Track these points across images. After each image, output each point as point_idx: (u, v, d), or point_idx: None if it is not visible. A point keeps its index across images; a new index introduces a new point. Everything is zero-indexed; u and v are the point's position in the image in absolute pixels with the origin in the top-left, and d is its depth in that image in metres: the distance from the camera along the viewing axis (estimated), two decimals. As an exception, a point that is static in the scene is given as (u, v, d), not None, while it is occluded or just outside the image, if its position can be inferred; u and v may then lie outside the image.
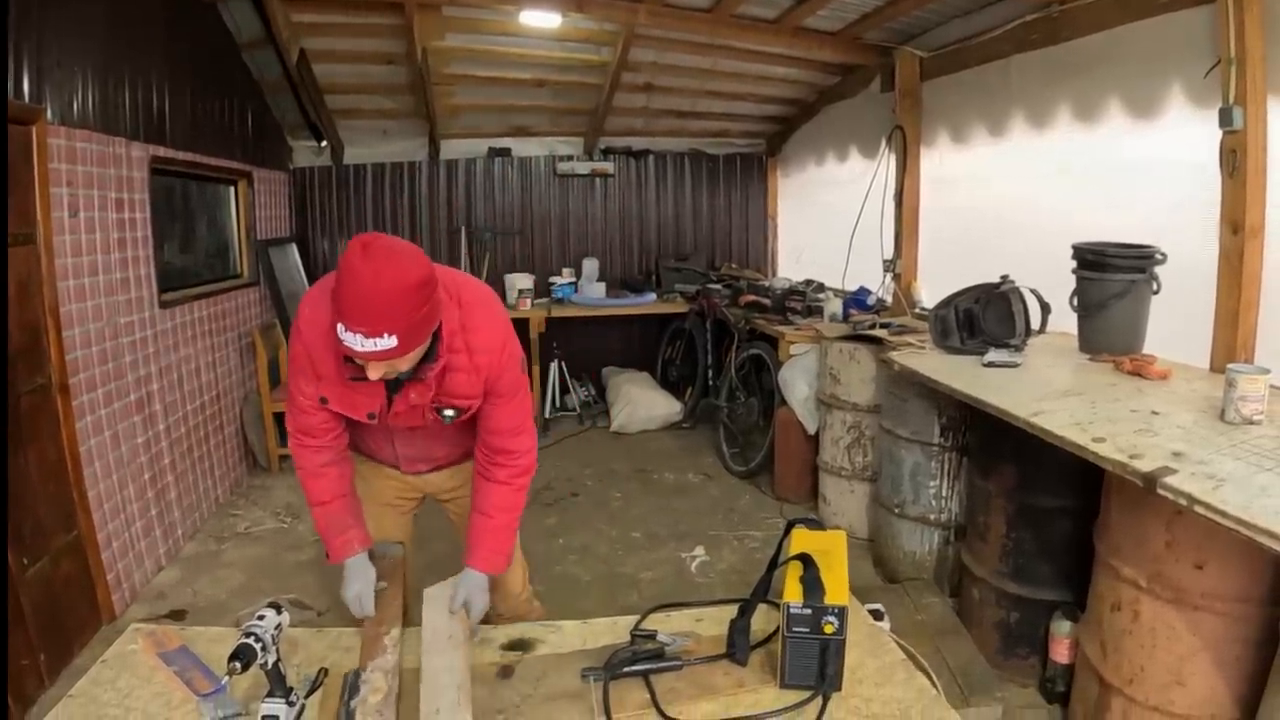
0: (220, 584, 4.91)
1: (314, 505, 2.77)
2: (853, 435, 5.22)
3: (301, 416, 2.66)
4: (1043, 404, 3.27)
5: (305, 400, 2.60)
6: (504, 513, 2.77)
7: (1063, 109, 4.74)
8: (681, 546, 5.35)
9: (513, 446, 2.72)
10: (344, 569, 2.72)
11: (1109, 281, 3.90)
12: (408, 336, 2.12)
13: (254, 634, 2.14)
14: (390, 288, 2.05)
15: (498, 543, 2.76)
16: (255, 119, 7.01)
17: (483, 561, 2.72)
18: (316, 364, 2.51)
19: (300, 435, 2.70)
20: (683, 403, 8.10)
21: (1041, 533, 3.65)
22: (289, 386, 2.66)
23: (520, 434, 2.73)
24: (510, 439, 2.71)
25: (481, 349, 2.48)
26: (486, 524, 2.75)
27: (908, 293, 6.16)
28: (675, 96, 7.90)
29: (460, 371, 2.48)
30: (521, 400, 2.70)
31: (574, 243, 8.94)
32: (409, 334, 2.12)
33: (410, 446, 2.92)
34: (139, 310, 4.92)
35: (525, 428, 2.75)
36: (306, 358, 2.52)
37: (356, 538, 2.74)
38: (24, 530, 3.73)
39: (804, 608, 2.18)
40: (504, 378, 2.57)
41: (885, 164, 6.36)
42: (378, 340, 2.07)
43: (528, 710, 2.21)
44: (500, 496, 2.76)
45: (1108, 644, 3.01)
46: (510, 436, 2.71)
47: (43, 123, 3.94)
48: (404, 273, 2.07)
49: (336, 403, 2.57)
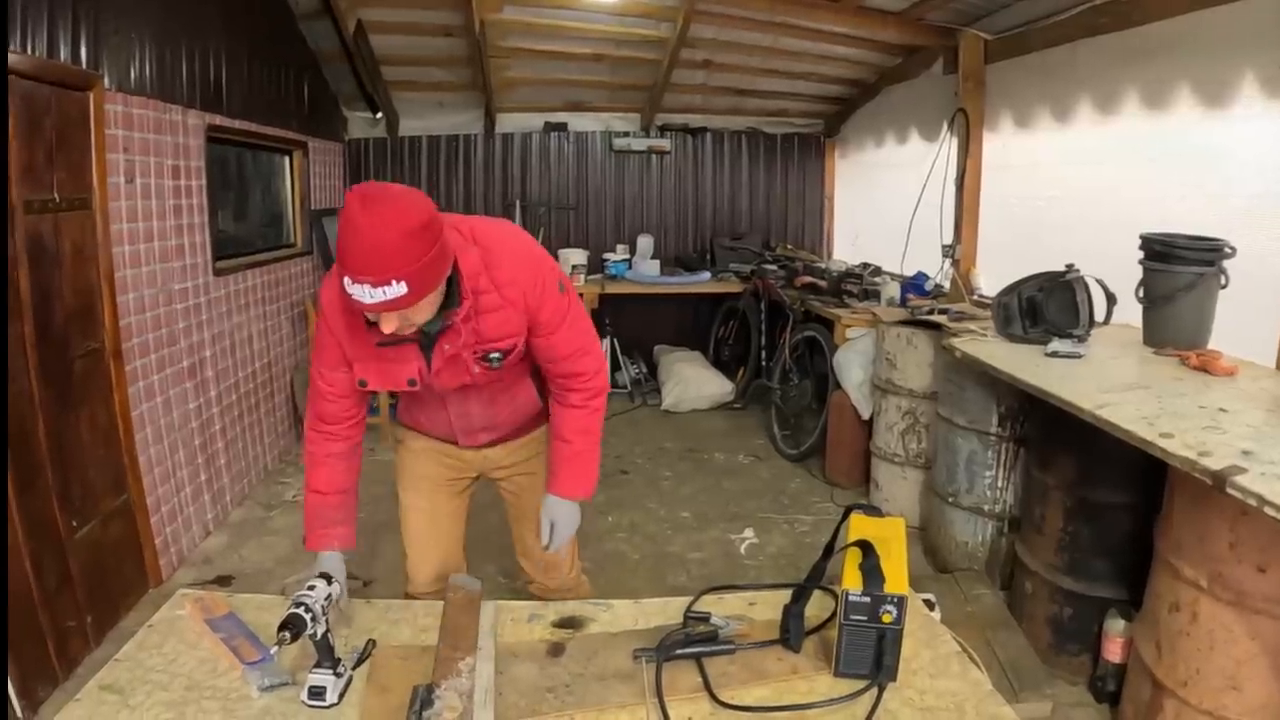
0: (267, 551, 4.96)
1: (310, 491, 2.73)
2: (907, 421, 5.16)
3: (320, 401, 2.64)
4: (1108, 396, 3.20)
5: (324, 384, 2.59)
6: (582, 436, 2.75)
7: (1130, 95, 4.64)
8: (731, 528, 5.32)
9: (579, 369, 2.67)
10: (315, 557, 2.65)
11: (1177, 273, 3.80)
12: (418, 281, 2.05)
13: (304, 604, 2.17)
14: (393, 232, 1.98)
15: (580, 467, 2.77)
16: (311, 90, 7.05)
17: (565, 486, 2.76)
18: (345, 346, 2.49)
19: (316, 421, 2.69)
20: (734, 383, 8.07)
21: (1099, 528, 3.59)
22: (310, 370, 2.65)
23: (584, 355, 2.67)
24: (573, 362, 2.66)
25: (508, 282, 2.39)
26: (566, 450, 2.75)
27: (966, 279, 6.06)
28: (734, 74, 7.84)
29: (492, 311, 2.41)
30: (573, 324, 2.60)
31: (629, 219, 8.93)
32: (419, 279, 2.05)
33: (466, 415, 2.84)
34: (193, 277, 4.97)
35: (587, 349, 2.69)
36: (332, 340, 2.49)
37: (339, 535, 2.71)
38: (74, 492, 3.78)
39: (862, 595, 2.15)
40: (544, 306, 2.48)
41: (946, 147, 6.25)
42: (386, 289, 2.01)
43: (578, 689, 2.19)
44: (576, 420, 2.73)
45: (1163, 644, 2.95)
46: (572, 360, 2.65)
47: (100, 89, 3.96)
48: (406, 216, 2.01)
49: (375, 380, 2.54)
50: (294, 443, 6.66)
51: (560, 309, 2.53)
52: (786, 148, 9.14)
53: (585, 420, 2.74)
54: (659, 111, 8.58)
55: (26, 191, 3.43)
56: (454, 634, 2.36)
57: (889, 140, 7.73)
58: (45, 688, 3.44)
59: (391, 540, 4.95)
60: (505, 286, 2.39)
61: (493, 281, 2.37)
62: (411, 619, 2.58)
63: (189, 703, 2.14)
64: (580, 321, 2.64)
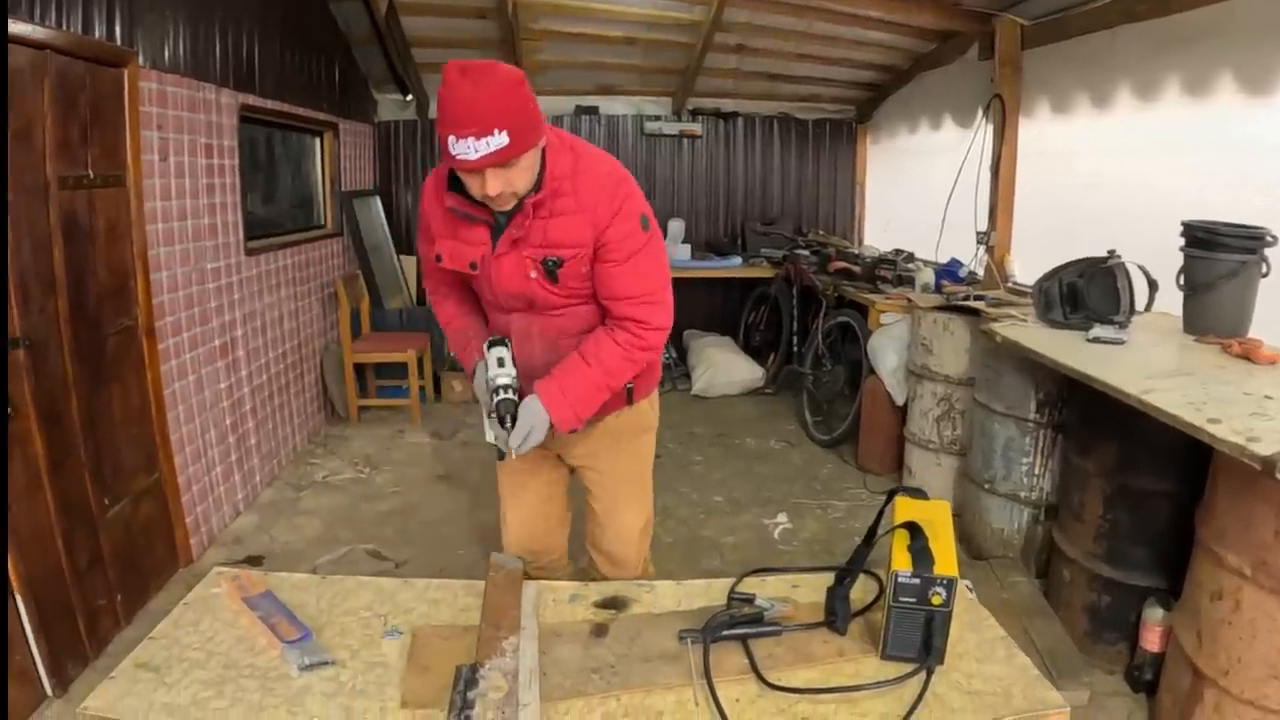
0: (297, 531, 4.96)
1: (444, 326, 2.95)
2: (943, 408, 5.11)
3: (430, 276, 2.91)
4: (1152, 382, 3.15)
5: (427, 264, 2.81)
6: (601, 369, 2.60)
7: (1171, 82, 4.58)
8: (764, 513, 5.30)
9: (637, 314, 2.58)
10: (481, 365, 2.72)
11: (1219, 261, 3.75)
12: (519, 133, 2.18)
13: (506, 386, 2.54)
14: (495, 85, 2.15)
15: (578, 391, 2.60)
16: (342, 71, 7.07)
17: (552, 398, 2.60)
18: (431, 223, 2.66)
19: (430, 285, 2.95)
20: (765, 369, 8.04)
21: (1139, 515, 3.54)
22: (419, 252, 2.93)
23: (646, 303, 2.58)
24: (633, 305, 2.57)
25: (587, 190, 2.43)
26: (578, 368, 2.60)
27: (1000, 266, 6.01)
28: (767, 59, 7.79)
29: (565, 215, 2.44)
30: (642, 263, 2.53)
31: (659, 203, 8.85)
32: (520, 130, 2.18)
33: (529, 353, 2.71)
34: (225, 256, 4.97)
35: (654, 297, 2.59)
36: (425, 222, 2.70)
37: (476, 343, 2.78)
38: (106, 470, 3.79)
39: (912, 577, 2.12)
40: (615, 227, 2.45)
41: (982, 134, 6.18)
42: (489, 139, 2.13)
43: (623, 670, 2.18)
44: (607, 352, 2.60)
45: (1204, 633, 2.91)
46: (633, 304, 2.57)
47: (134, 66, 3.97)
48: (504, 72, 2.18)
49: (449, 258, 2.64)
50: (323, 424, 6.70)
51: (632, 242, 2.49)
52: (818, 133, 9.08)
53: (616, 359, 2.61)
54: (691, 96, 8.54)
55: (61, 168, 3.43)
56: (496, 613, 2.35)
57: (923, 126, 7.66)
58: (76, 666, 3.46)
59: (423, 523, 4.99)
60: (584, 194, 2.42)
61: (574, 186, 2.42)
62: (451, 599, 2.56)
63: (227, 681, 2.13)
64: (653, 264, 2.58)
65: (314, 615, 2.45)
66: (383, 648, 2.31)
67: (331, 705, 2.07)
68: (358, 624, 2.43)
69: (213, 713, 2.03)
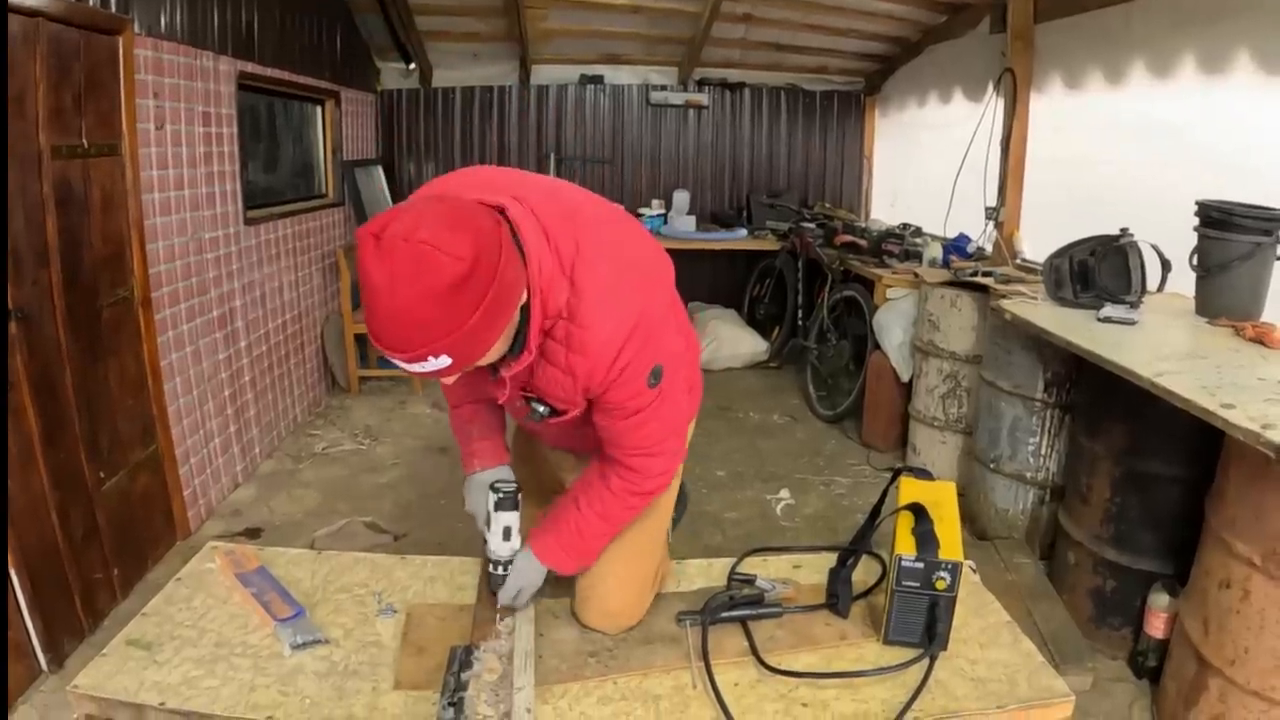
0: (297, 503, 4.94)
1: (450, 409, 2.48)
2: (949, 385, 5.07)
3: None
4: (1165, 365, 3.11)
5: None
6: (598, 517, 2.22)
7: (1187, 60, 4.49)
8: (766, 489, 5.27)
9: (636, 466, 2.15)
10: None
11: (1233, 242, 3.69)
12: (463, 351, 1.65)
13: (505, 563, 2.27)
14: (414, 301, 1.56)
15: (574, 543, 2.26)
16: (344, 39, 6.98)
17: (547, 550, 2.28)
18: None
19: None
20: (769, 342, 8.00)
21: (1148, 499, 3.50)
22: None
23: (649, 456, 2.15)
24: (633, 457, 2.14)
25: (580, 350, 1.88)
26: (573, 517, 2.24)
27: (1009, 242, 5.94)
28: (775, 29, 7.68)
29: (555, 368, 1.93)
30: (648, 423, 2.06)
31: (665, 174, 8.82)
32: (462, 347, 1.64)
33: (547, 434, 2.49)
34: (224, 226, 4.92)
35: (657, 449, 2.15)
36: None
37: (479, 453, 2.40)
38: (102, 443, 3.75)
39: (916, 561, 2.11)
40: (612, 394, 1.96)
41: (992, 108, 6.10)
42: (424, 364, 1.63)
43: (621, 653, 2.17)
44: (603, 500, 2.21)
45: (1211, 622, 2.87)
46: (633, 455, 2.14)
47: (129, 33, 3.90)
48: (430, 277, 1.54)
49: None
50: (324, 395, 6.66)
51: (636, 404, 2.01)
52: (825, 105, 8.99)
53: (612, 506, 2.21)
54: (697, 66, 8.44)
55: (54, 137, 3.37)
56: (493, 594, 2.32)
57: (932, 100, 7.55)
58: (71, 641, 3.43)
59: (422, 495, 4.96)
60: (576, 354, 1.89)
61: (567, 339, 1.88)
62: (448, 577, 2.55)
63: (218, 660, 2.12)
64: (660, 422, 2.10)
65: (308, 592, 2.43)
66: (377, 627, 2.30)
67: (324, 685, 2.05)
68: (352, 601, 2.42)
69: (203, 692, 2.02)
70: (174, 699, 1.99)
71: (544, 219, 1.83)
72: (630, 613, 2.36)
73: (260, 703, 1.99)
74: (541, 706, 1.98)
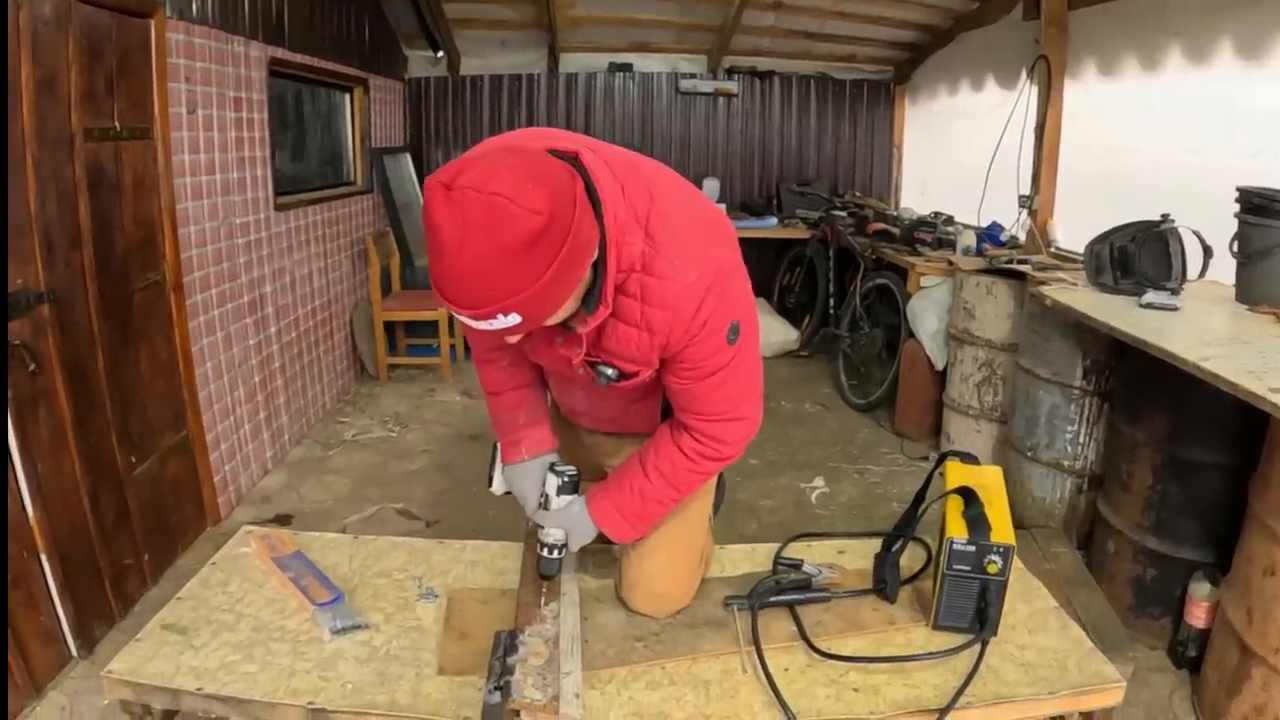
0: (326, 490, 4.93)
1: (489, 395, 2.36)
2: (984, 373, 5.01)
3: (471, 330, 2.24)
4: (1209, 350, 3.05)
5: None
6: (664, 484, 2.11)
7: (1224, 44, 4.42)
8: (800, 477, 5.24)
9: (714, 433, 2.04)
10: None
11: (1275, 228, 3.62)
12: (534, 308, 1.55)
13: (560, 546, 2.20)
14: (485, 256, 1.45)
15: (635, 511, 2.15)
16: (372, 26, 6.99)
17: (605, 514, 2.18)
18: None
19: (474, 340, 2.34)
20: (800, 331, 7.96)
21: (1190, 487, 3.44)
22: None
23: (727, 421, 2.04)
24: (710, 423, 2.03)
25: (659, 302, 1.77)
26: (636, 482, 2.13)
27: (1043, 230, 5.88)
28: (805, 17, 7.62)
29: (628, 325, 1.81)
30: (727, 380, 1.94)
31: (694, 162, 8.77)
32: (534, 305, 1.55)
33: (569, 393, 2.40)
34: (254, 211, 4.91)
35: (736, 413, 2.04)
36: None
37: (526, 440, 2.29)
38: (133, 428, 3.75)
39: (968, 544, 2.07)
40: (691, 350, 1.84)
41: (1025, 96, 6.03)
42: (492, 321, 1.54)
43: (668, 637, 2.14)
44: (672, 464, 2.09)
45: (1255, 609, 2.81)
46: (710, 421, 2.03)
47: (161, 17, 3.88)
48: (503, 232, 1.44)
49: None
50: (352, 382, 6.67)
51: (715, 361, 1.90)
52: (855, 94, 8.94)
53: (682, 471, 2.10)
54: (727, 54, 8.41)
55: (86, 119, 3.36)
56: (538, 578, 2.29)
57: (963, 88, 7.49)
58: (102, 626, 3.42)
59: (454, 482, 4.94)
60: (653, 306, 1.78)
61: (643, 291, 1.77)
62: (489, 561, 2.52)
63: (256, 644, 2.09)
64: (738, 381, 1.99)
65: (346, 576, 2.41)
66: (417, 611, 2.28)
67: (365, 670, 2.03)
68: (391, 586, 2.39)
69: (241, 677, 2.00)
70: (211, 684, 1.97)
71: (616, 169, 1.77)
72: (679, 595, 2.29)
73: (300, 688, 1.97)
74: (589, 691, 1.95)
